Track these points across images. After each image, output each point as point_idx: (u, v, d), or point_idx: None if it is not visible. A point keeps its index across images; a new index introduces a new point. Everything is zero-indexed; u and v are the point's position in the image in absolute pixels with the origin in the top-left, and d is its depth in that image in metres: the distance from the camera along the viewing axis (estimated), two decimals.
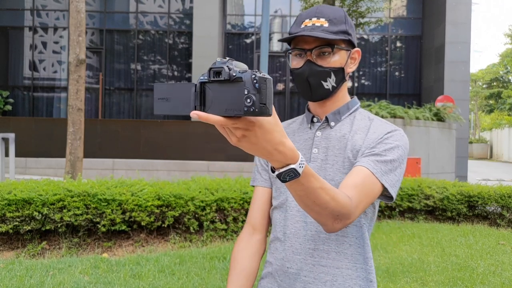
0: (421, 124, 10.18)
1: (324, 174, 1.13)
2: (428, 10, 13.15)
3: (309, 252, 1.11)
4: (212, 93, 0.73)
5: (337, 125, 1.19)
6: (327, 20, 1.12)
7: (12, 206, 4.17)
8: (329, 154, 1.15)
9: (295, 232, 1.14)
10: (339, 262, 1.10)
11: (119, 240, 4.57)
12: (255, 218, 1.25)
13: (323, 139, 1.17)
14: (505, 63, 35.95)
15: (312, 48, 1.12)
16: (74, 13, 5.99)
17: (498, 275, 4.00)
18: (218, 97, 0.72)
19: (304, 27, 1.12)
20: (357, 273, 1.11)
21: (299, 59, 1.15)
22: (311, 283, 1.10)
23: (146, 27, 13.00)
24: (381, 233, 5.33)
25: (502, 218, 6.07)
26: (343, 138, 1.16)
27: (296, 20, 1.17)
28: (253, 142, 0.76)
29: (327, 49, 1.12)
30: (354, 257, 1.11)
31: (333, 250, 1.10)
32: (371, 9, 7.54)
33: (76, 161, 5.89)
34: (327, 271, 1.10)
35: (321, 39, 1.11)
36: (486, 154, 33.31)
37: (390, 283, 3.74)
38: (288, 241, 1.15)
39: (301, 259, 1.12)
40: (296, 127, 1.26)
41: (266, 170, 1.26)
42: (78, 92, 5.96)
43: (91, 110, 12.67)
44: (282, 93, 13.15)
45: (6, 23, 12.75)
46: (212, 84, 0.73)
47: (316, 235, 1.11)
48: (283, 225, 1.17)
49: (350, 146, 1.14)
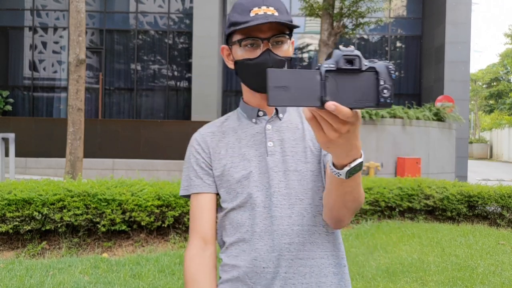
0: (421, 124, 10.18)
1: (286, 166, 1.10)
2: (428, 10, 13.15)
3: (285, 247, 1.07)
4: (336, 83, 0.67)
5: (285, 116, 1.17)
6: (275, 9, 1.08)
7: (12, 206, 4.17)
8: (286, 146, 1.12)
9: (265, 229, 1.08)
10: (313, 253, 1.09)
11: (119, 240, 4.57)
12: (206, 229, 1.14)
13: (275, 132, 1.14)
14: (505, 63, 35.94)
15: (269, 37, 1.08)
16: (74, 13, 5.99)
17: (498, 275, 4.00)
18: (345, 87, 0.67)
19: (255, 16, 1.06)
20: (329, 260, 1.11)
21: (251, 49, 1.08)
22: (291, 278, 1.07)
23: (146, 27, 13.00)
24: (381, 233, 5.33)
25: (502, 218, 6.07)
26: (296, 128, 1.15)
27: (238, 9, 1.10)
28: (349, 138, 0.73)
29: (283, 38, 1.10)
30: (324, 245, 1.10)
31: (307, 241, 1.08)
32: (371, 9, 7.54)
33: (76, 161, 5.89)
34: (305, 264, 1.08)
35: (277, 28, 1.08)
36: (486, 154, 33.31)
37: (390, 283, 3.74)
38: (259, 240, 1.08)
39: (277, 256, 1.06)
40: (234, 124, 1.19)
41: (209, 174, 1.15)
42: (78, 92, 5.96)
43: (91, 110, 12.67)
44: None
45: (6, 23, 12.75)
46: (338, 73, 0.67)
47: (288, 228, 1.07)
48: (250, 224, 1.09)
49: (309, 135, 1.14)
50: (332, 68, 0.67)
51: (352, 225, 5.75)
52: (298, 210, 1.08)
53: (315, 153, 1.13)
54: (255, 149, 1.13)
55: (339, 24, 7.41)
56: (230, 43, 1.15)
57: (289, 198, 1.09)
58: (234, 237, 1.12)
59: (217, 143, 1.17)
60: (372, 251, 4.65)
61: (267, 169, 1.10)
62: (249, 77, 1.12)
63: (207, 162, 1.16)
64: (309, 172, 1.11)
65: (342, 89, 0.67)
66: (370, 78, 0.67)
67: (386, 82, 0.67)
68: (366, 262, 4.29)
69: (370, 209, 5.95)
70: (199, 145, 1.17)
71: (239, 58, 1.11)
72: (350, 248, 4.72)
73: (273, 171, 1.10)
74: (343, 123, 0.70)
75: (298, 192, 1.09)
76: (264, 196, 1.09)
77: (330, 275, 1.10)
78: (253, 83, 1.13)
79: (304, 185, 1.10)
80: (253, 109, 1.17)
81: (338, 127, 0.71)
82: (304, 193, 1.09)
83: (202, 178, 1.15)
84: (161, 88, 12.92)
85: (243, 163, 1.12)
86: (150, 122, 10.67)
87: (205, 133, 1.19)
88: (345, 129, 0.71)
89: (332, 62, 0.67)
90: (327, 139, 0.73)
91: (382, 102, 0.66)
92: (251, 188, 1.10)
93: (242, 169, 1.12)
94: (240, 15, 1.09)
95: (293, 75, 0.66)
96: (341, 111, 0.66)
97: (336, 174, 0.84)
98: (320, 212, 1.10)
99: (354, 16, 7.54)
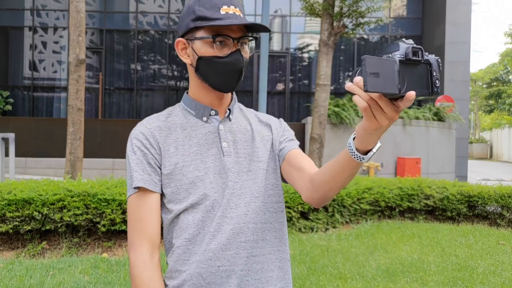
0: (421, 124, 10.18)
1: (240, 167, 1.12)
2: (428, 10, 13.16)
3: (241, 245, 1.07)
4: (404, 72, 0.73)
5: (233, 118, 1.19)
6: (240, 10, 1.09)
7: (12, 206, 4.17)
8: (239, 147, 1.14)
9: (219, 228, 1.06)
10: (263, 249, 1.12)
11: (119, 240, 4.57)
12: (154, 232, 1.06)
13: (227, 132, 1.15)
14: (505, 63, 35.93)
15: (239, 37, 1.08)
16: (74, 13, 5.99)
17: (498, 275, 4.00)
18: (409, 76, 0.73)
19: (226, 14, 1.06)
20: (275, 255, 1.14)
21: (219, 47, 1.06)
22: (246, 275, 1.08)
23: (146, 27, 13.00)
24: (381, 233, 5.33)
25: (502, 218, 6.07)
26: (246, 130, 1.18)
27: (206, 4, 1.07)
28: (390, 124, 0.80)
29: (248, 40, 1.11)
30: (272, 241, 1.14)
31: (260, 238, 1.11)
32: (371, 9, 7.53)
33: (76, 161, 5.89)
34: (258, 260, 1.10)
35: (243, 30, 1.09)
36: (486, 154, 33.30)
37: (390, 283, 3.74)
38: (213, 239, 1.06)
39: (233, 254, 1.06)
40: (181, 121, 1.15)
41: (157, 172, 1.09)
42: (78, 92, 5.96)
43: (91, 110, 12.67)
44: (282, 93, 13.15)
45: (6, 23, 12.74)
46: (404, 63, 0.73)
47: (244, 226, 1.08)
48: (203, 226, 1.07)
49: (258, 137, 1.18)
50: (402, 58, 0.73)
51: (352, 225, 5.75)
52: (253, 208, 1.11)
53: (265, 153, 1.17)
54: (207, 149, 1.12)
55: (339, 24, 7.40)
56: (190, 38, 1.10)
57: (244, 197, 1.10)
58: (183, 240, 1.07)
59: (165, 139, 1.11)
60: (372, 251, 4.65)
61: (224, 170, 1.11)
62: (214, 75, 1.09)
63: (155, 159, 1.09)
64: (261, 171, 1.14)
65: (408, 79, 0.73)
66: (425, 69, 0.75)
67: (436, 74, 0.75)
68: (366, 262, 4.29)
69: (370, 209, 5.95)
70: (147, 139, 1.10)
71: (206, 55, 1.07)
72: (350, 248, 4.72)
73: (230, 171, 1.11)
74: (397, 111, 0.77)
75: (253, 190, 1.12)
76: (220, 197, 1.09)
77: (276, 270, 1.14)
78: (217, 81, 1.10)
79: (258, 183, 1.13)
80: (206, 108, 1.14)
81: (392, 115, 0.77)
82: (258, 191, 1.12)
83: (150, 174, 1.08)
84: (161, 88, 12.92)
85: (195, 163, 1.10)
86: None
87: (152, 127, 1.12)
88: (397, 117, 0.78)
89: (402, 53, 0.73)
90: (378, 126, 0.79)
91: (435, 91, 0.75)
92: (207, 189, 1.08)
93: (195, 169, 1.09)
94: (209, 11, 1.06)
95: (381, 63, 0.71)
96: (412, 100, 0.72)
97: (359, 158, 0.89)
98: (269, 209, 1.14)
99: (354, 16, 7.53)
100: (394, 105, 0.77)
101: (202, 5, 1.07)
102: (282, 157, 1.17)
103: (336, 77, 13.21)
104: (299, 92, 13.31)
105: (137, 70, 12.88)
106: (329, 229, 5.53)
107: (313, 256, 4.42)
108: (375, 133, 0.82)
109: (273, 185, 1.16)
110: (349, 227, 5.69)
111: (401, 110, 0.77)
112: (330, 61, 7.47)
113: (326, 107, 7.52)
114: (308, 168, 1.10)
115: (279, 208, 1.17)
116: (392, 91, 0.71)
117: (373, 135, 0.83)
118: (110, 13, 12.96)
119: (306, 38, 13.70)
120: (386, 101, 0.76)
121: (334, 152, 8.90)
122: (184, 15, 1.11)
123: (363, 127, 0.82)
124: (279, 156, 1.18)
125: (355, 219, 5.86)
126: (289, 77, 13.19)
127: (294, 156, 1.15)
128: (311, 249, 4.64)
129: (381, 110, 0.77)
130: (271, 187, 1.15)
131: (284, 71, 13.22)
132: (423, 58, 0.74)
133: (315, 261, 4.26)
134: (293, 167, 1.13)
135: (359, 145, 0.87)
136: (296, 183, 1.13)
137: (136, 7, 12.94)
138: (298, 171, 1.12)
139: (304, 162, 1.13)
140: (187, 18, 1.10)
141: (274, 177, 1.17)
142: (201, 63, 1.09)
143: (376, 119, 0.78)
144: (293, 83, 13.32)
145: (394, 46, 0.75)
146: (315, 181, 1.04)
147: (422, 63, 0.74)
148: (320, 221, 5.47)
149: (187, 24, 1.09)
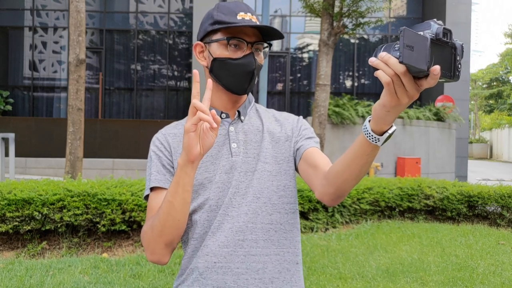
0: (421, 124, 10.18)
1: (247, 167, 1.14)
2: (428, 10, 13.16)
3: (238, 243, 1.10)
4: (433, 52, 0.74)
5: (246, 119, 1.21)
6: (256, 18, 1.15)
7: (12, 206, 4.17)
8: (248, 148, 1.17)
9: (219, 226, 1.10)
10: (267, 249, 1.12)
11: (119, 240, 4.57)
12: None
13: (239, 133, 1.18)
14: (505, 63, 35.93)
15: (254, 41, 1.13)
16: (74, 13, 5.99)
17: (498, 275, 4.00)
18: (436, 57, 0.74)
19: (243, 19, 1.12)
20: (282, 257, 1.14)
21: (234, 49, 1.13)
22: (244, 274, 1.10)
23: (146, 27, 13.00)
24: (381, 233, 5.33)
25: (502, 218, 6.07)
26: (258, 131, 1.20)
27: (224, 11, 1.14)
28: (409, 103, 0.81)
29: (262, 45, 1.16)
30: (280, 242, 1.14)
31: (261, 238, 1.12)
32: (371, 9, 7.52)
33: (76, 161, 5.89)
34: (258, 260, 1.11)
35: (259, 36, 1.14)
36: (486, 154, 33.31)
37: (390, 283, 3.74)
38: (211, 236, 1.10)
39: (229, 251, 1.09)
40: None
41: (170, 172, 1.14)
42: (78, 92, 5.96)
43: (91, 110, 12.67)
44: (282, 93, 13.15)
45: (6, 23, 12.74)
46: (433, 43, 0.74)
47: (243, 225, 1.10)
48: (207, 225, 1.12)
49: (268, 138, 1.19)
50: (433, 38, 0.74)
51: (352, 225, 5.75)
52: (254, 208, 1.12)
53: (273, 154, 1.17)
54: (218, 151, 1.16)
55: (339, 24, 7.40)
56: (207, 41, 1.17)
57: (246, 196, 1.12)
58: (192, 239, 1.13)
59: (178, 143, 1.17)
60: (372, 251, 4.65)
61: (231, 169, 1.14)
62: (226, 76, 1.14)
63: (169, 160, 1.16)
64: (267, 172, 1.15)
65: (435, 58, 0.74)
66: (450, 52, 0.76)
67: (460, 58, 0.76)
68: (366, 262, 4.29)
69: (370, 209, 5.95)
70: (162, 144, 1.18)
71: (220, 56, 1.13)
72: (350, 248, 4.72)
73: (237, 171, 1.13)
74: (418, 90, 0.78)
75: (256, 191, 1.13)
76: (224, 196, 1.12)
77: (284, 271, 1.14)
78: (230, 83, 1.15)
79: (262, 184, 1.14)
80: (217, 111, 1.18)
81: (413, 93, 0.78)
82: (260, 191, 1.13)
83: (165, 175, 1.14)
84: (161, 88, 12.91)
85: (206, 165, 1.14)
86: (150, 122, 10.66)
87: (166, 133, 1.20)
88: (417, 95, 0.79)
89: (433, 32, 0.74)
90: (397, 103, 0.80)
91: (456, 75, 0.76)
92: (213, 188, 1.12)
93: (205, 171, 1.14)
94: (226, 16, 1.13)
95: (417, 38, 0.72)
96: (437, 77, 0.74)
97: (375, 139, 0.89)
98: (280, 210, 1.15)
99: (354, 16, 7.53)
100: (416, 83, 0.78)
101: (221, 11, 1.14)
102: (299, 156, 1.18)
103: (336, 77, 13.21)
104: (299, 92, 13.31)
105: (137, 70, 12.88)
106: (329, 229, 5.53)
107: (313, 256, 4.42)
108: (392, 111, 0.83)
109: (285, 186, 1.17)
110: (349, 227, 5.69)
111: (423, 89, 0.78)
112: (330, 61, 7.47)
113: (326, 107, 7.52)
114: (324, 165, 1.11)
115: (290, 209, 1.17)
116: (422, 67, 0.72)
117: (390, 113, 0.83)
118: (110, 13, 12.96)
119: (306, 38, 13.70)
120: (410, 78, 0.77)
121: (334, 152, 8.90)
122: (204, 20, 1.19)
123: (382, 103, 0.83)
124: (296, 155, 1.19)
125: (355, 219, 5.86)
126: (289, 77, 13.19)
127: (310, 155, 1.16)
128: (311, 249, 4.64)
129: (403, 87, 0.78)
130: (282, 188, 1.16)
131: (284, 71, 13.22)
132: (451, 41, 0.76)
133: (315, 261, 4.26)
134: (309, 165, 1.14)
135: (374, 125, 0.88)
136: (311, 180, 1.13)
137: (136, 7, 12.94)
138: (313, 169, 1.12)
139: (320, 159, 1.13)
140: (206, 22, 1.17)
141: (286, 178, 1.17)
142: (215, 64, 1.15)
143: (397, 96, 0.79)
144: (293, 83, 13.32)
145: (425, 24, 0.76)
146: (329, 174, 1.04)
147: (449, 46, 0.76)
148: (320, 221, 5.47)
149: (206, 28, 1.17)
